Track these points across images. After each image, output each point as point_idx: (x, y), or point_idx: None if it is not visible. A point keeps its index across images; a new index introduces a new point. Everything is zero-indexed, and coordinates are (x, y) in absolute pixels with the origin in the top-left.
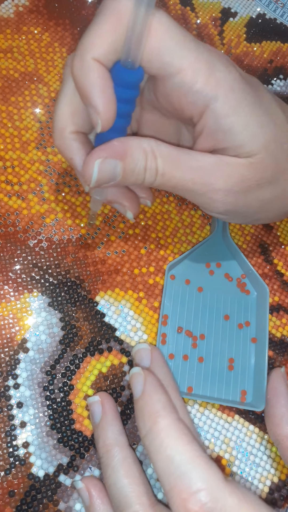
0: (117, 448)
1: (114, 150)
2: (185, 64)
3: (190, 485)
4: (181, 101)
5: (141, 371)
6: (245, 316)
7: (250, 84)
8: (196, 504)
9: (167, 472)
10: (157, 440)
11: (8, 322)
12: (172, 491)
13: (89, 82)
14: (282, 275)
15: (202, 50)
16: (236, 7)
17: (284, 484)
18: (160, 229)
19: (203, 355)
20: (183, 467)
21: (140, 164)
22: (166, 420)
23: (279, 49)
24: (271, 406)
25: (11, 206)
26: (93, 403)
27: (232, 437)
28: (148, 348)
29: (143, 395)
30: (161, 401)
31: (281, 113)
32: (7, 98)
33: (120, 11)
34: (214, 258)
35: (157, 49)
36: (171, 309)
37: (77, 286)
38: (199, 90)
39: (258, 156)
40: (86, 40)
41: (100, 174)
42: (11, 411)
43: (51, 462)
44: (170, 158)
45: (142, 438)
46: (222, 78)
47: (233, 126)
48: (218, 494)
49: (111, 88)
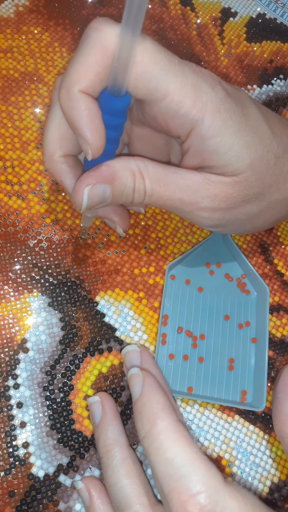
0: (117, 448)
1: (103, 176)
2: (171, 88)
3: (190, 487)
4: (168, 123)
5: (139, 372)
6: (245, 316)
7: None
8: (195, 506)
9: (166, 475)
10: (156, 442)
11: (8, 322)
12: (171, 494)
13: (77, 114)
14: (282, 275)
15: (187, 73)
16: (236, 7)
17: (284, 484)
18: (160, 229)
19: (203, 355)
20: (183, 469)
21: (129, 186)
22: (165, 421)
23: (279, 49)
24: (279, 402)
25: (11, 206)
26: (93, 403)
27: (232, 437)
28: (137, 350)
29: (141, 396)
30: (160, 402)
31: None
32: (7, 98)
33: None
34: (214, 258)
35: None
36: (171, 309)
37: (77, 286)
38: (185, 114)
39: (243, 174)
40: (72, 72)
41: (90, 200)
42: (11, 411)
43: (51, 462)
44: (157, 179)
45: (141, 440)
46: (208, 100)
47: (219, 147)
48: (217, 496)
49: (99, 117)
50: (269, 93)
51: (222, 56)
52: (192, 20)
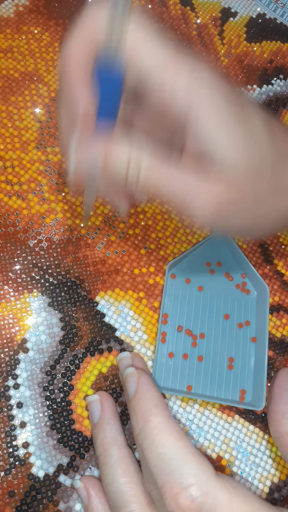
0: (114, 447)
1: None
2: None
3: (181, 480)
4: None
5: (135, 371)
6: (245, 316)
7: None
8: (187, 499)
9: (159, 469)
10: (149, 438)
11: (8, 322)
12: (164, 487)
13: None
14: (282, 275)
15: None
16: (236, 7)
17: (284, 484)
18: (160, 229)
19: (203, 354)
20: (174, 463)
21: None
22: (158, 418)
23: (279, 49)
24: (274, 403)
25: (11, 206)
26: (92, 402)
27: (232, 437)
28: (129, 356)
29: (136, 394)
30: (153, 399)
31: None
32: (7, 98)
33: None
34: (215, 257)
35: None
36: (171, 308)
37: (77, 286)
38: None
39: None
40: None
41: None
42: (11, 411)
43: (51, 462)
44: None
45: (136, 437)
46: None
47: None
48: (208, 488)
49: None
50: (269, 93)
51: (222, 56)
52: (192, 20)
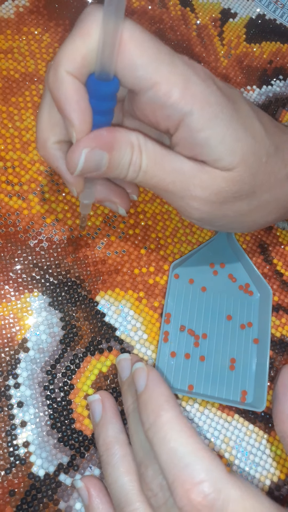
0: (117, 446)
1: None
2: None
3: (194, 476)
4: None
5: (144, 366)
6: (248, 317)
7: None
8: (199, 494)
9: (170, 464)
10: (160, 433)
11: (8, 322)
12: (175, 482)
13: (63, 95)
14: (282, 275)
15: (177, 63)
16: (236, 8)
17: (284, 483)
18: (160, 229)
19: (205, 354)
20: (187, 458)
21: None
22: (169, 413)
23: (279, 49)
24: (279, 402)
25: (11, 206)
26: (93, 402)
27: (232, 436)
28: (128, 358)
29: (146, 389)
30: (164, 395)
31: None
32: (7, 99)
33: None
34: (219, 258)
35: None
36: (174, 308)
37: (77, 286)
38: (173, 104)
39: (236, 169)
40: (59, 54)
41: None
42: (11, 410)
43: (51, 461)
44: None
45: (145, 431)
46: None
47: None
48: (221, 485)
49: (86, 100)
50: (268, 93)
51: (222, 57)
52: (192, 21)
